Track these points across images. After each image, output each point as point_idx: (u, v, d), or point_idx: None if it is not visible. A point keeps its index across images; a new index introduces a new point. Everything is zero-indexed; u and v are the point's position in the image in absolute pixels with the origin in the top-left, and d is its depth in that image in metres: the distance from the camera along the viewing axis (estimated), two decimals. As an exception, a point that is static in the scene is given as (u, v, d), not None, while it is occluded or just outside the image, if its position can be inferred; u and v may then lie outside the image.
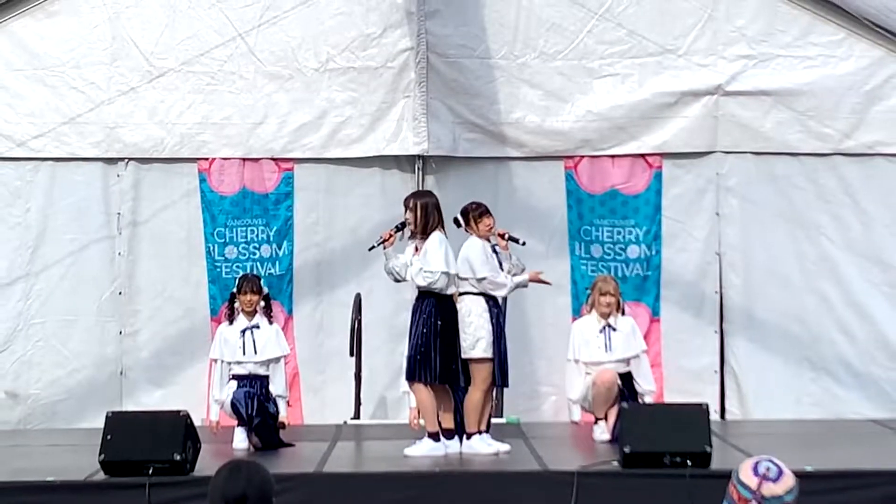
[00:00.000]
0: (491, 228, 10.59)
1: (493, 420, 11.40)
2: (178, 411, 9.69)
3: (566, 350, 12.21)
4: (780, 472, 4.70)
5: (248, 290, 10.88)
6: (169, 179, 12.90)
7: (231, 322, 10.93)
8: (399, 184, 12.80)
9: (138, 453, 9.30)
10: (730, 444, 10.55)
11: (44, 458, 10.52)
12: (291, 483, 9.01)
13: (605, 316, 11.27)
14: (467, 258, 10.35)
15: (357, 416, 12.31)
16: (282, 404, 10.91)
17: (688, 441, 9.36)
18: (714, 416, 11.28)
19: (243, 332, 10.84)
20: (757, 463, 4.72)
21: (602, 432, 10.94)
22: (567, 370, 11.46)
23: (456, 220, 10.59)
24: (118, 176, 12.83)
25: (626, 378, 11.18)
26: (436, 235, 10.29)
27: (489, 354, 10.36)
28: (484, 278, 10.30)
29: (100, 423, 9.74)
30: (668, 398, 12.46)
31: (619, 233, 12.84)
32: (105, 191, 12.81)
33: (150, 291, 12.78)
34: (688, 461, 9.22)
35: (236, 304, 10.93)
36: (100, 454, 9.41)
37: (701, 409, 9.68)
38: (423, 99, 12.72)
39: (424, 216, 10.33)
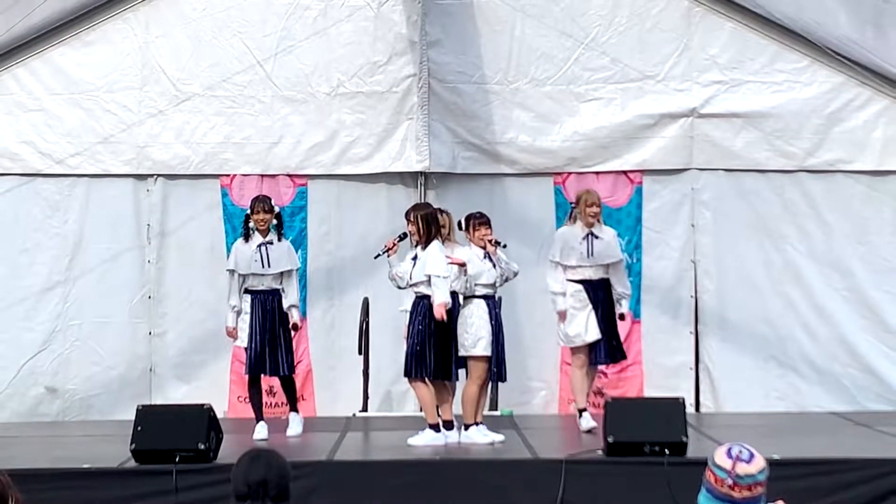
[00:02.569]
0: (484, 238, 10.60)
1: (489, 413, 11.42)
2: (202, 404, 9.69)
3: (555, 349, 12.26)
4: (752, 455, 4.71)
5: (261, 209, 10.76)
6: (194, 194, 12.90)
7: (247, 240, 10.81)
8: (403, 198, 12.80)
9: (166, 443, 9.30)
10: (704, 434, 10.54)
11: (80, 448, 10.52)
12: (306, 469, 9.01)
13: (590, 225, 11.00)
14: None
15: (365, 408, 12.30)
16: (294, 312, 10.79)
17: (666, 432, 9.36)
18: (689, 409, 11.25)
19: (258, 247, 10.72)
20: (730, 447, 4.73)
21: (588, 421, 10.86)
22: (548, 268, 11.24)
23: (459, 223, 10.77)
24: (148, 191, 12.84)
25: (605, 284, 11.06)
26: (436, 244, 10.31)
27: (488, 353, 10.38)
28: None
29: (131, 415, 9.74)
30: (648, 393, 12.46)
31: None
32: (136, 204, 12.81)
33: (176, 296, 12.78)
34: (666, 450, 9.23)
35: (251, 224, 10.80)
36: (131, 443, 9.41)
37: (677, 403, 9.69)
38: (425, 121, 12.71)
39: (427, 227, 10.35)
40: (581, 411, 11.00)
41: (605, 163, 12.85)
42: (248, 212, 10.92)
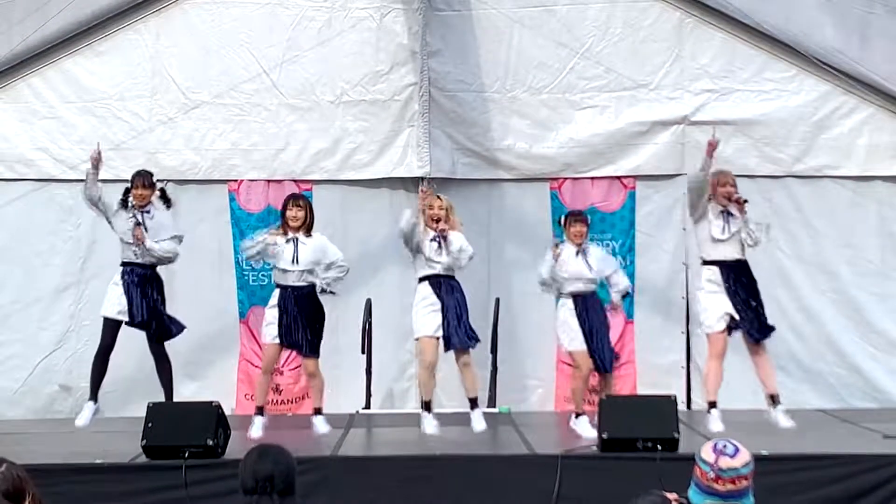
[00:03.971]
0: (578, 235, 10.64)
1: (487, 410, 11.43)
2: (211, 402, 9.69)
3: (551, 348, 12.26)
4: (737, 450, 4.73)
5: (140, 184, 10.57)
6: (202, 198, 12.92)
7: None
8: (405, 202, 12.79)
9: (176, 439, 9.31)
10: (695, 430, 10.55)
11: (93, 443, 10.51)
12: (311, 465, 9.01)
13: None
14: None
15: (368, 406, 12.32)
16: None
17: (658, 428, 9.37)
18: (681, 406, 11.28)
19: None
20: (716, 442, 4.75)
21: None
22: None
23: (559, 220, 10.97)
24: (160, 195, 12.86)
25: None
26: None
27: (583, 347, 10.58)
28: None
29: (142, 412, 9.74)
30: (641, 390, 12.48)
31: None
32: (147, 208, 12.82)
33: (185, 296, 12.74)
34: (658, 446, 9.25)
35: (129, 198, 10.60)
36: (142, 440, 9.42)
37: (669, 400, 9.70)
38: (425, 128, 12.74)
39: (311, 213, 10.60)
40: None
41: (600, 168, 12.87)
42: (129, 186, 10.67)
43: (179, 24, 12.83)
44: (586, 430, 10.40)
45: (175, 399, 10.90)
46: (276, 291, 10.57)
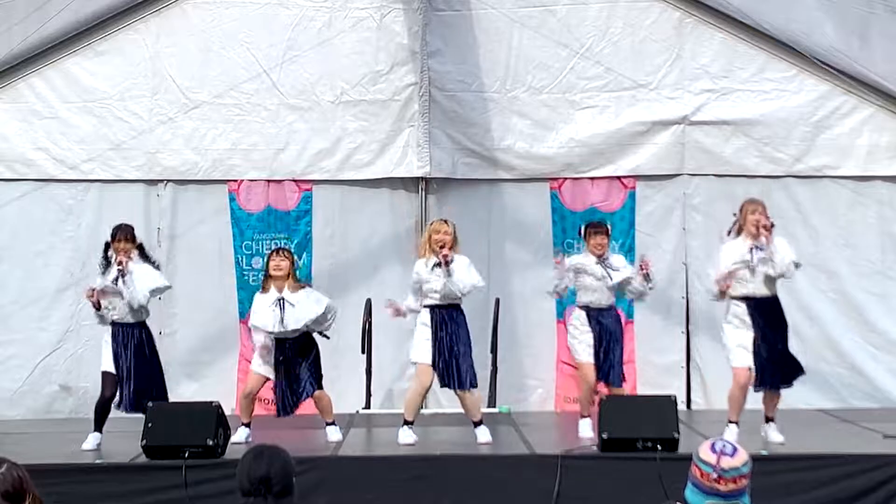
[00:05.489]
0: (600, 245, 10.55)
1: (487, 410, 11.42)
2: (211, 402, 9.70)
3: (551, 348, 12.25)
4: (735, 449, 4.72)
5: (122, 237, 10.33)
6: (202, 198, 12.92)
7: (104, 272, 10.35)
8: (405, 202, 12.84)
9: (176, 439, 9.32)
10: (695, 430, 10.55)
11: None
12: (310, 465, 9.01)
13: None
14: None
15: (367, 406, 12.32)
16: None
17: (658, 428, 9.37)
18: (681, 406, 11.27)
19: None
20: (713, 443, 4.74)
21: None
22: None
23: (579, 230, 10.91)
24: (158, 195, 12.86)
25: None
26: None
27: (591, 360, 10.47)
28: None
29: (142, 412, 9.75)
30: (641, 390, 12.46)
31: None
32: (146, 208, 12.82)
33: (186, 297, 12.78)
34: (658, 445, 9.24)
35: (110, 253, 10.38)
36: (142, 440, 9.43)
37: (669, 400, 9.70)
38: (425, 128, 12.73)
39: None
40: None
41: (600, 168, 12.87)
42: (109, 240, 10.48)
43: (179, 24, 12.83)
44: (586, 431, 10.40)
45: (174, 399, 10.88)
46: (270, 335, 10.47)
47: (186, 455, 9.20)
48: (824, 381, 12.60)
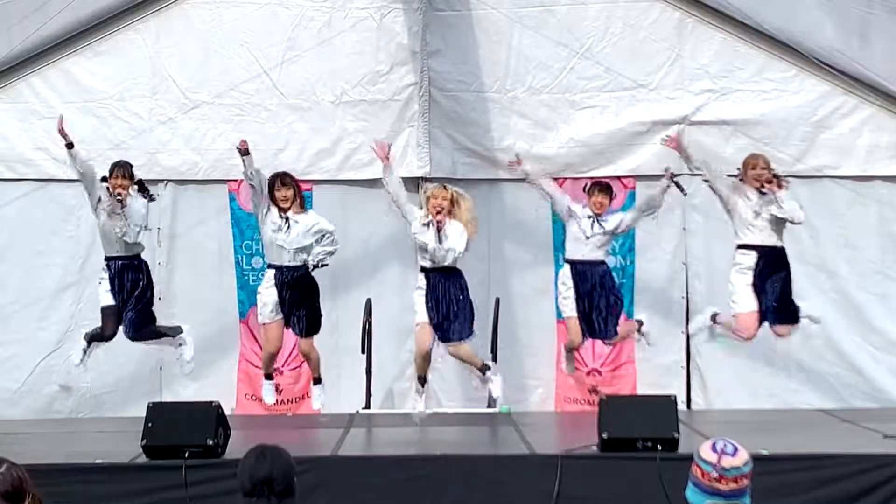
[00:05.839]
0: (595, 203, 10.81)
1: (487, 410, 11.42)
2: (211, 402, 9.68)
3: (551, 348, 12.24)
4: (736, 449, 4.72)
5: (119, 174, 10.54)
6: (202, 198, 12.92)
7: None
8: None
9: (176, 439, 9.30)
10: (695, 430, 10.54)
11: (93, 443, 10.54)
12: (310, 465, 8.99)
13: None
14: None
15: (368, 405, 12.31)
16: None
17: (658, 428, 9.36)
18: (681, 406, 11.27)
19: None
20: (714, 442, 4.74)
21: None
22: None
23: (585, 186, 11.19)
24: (158, 195, 12.83)
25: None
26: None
27: (573, 314, 10.76)
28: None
29: (142, 412, 9.73)
30: (641, 390, 12.48)
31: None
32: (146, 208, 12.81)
33: (186, 296, 12.79)
34: (658, 446, 9.23)
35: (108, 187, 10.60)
36: (142, 440, 9.41)
37: (669, 400, 9.68)
38: (425, 128, 12.74)
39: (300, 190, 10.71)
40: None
41: (600, 168, 12.86)
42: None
43: (179, 24, 12.82)
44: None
45: (174, 399, 10.89)
46: (270, 272, 10.65)
47: (186, 455, 9.18)
48: (824, 381, 12.61)
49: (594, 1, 12.83)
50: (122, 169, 10.63)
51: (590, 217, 10.84)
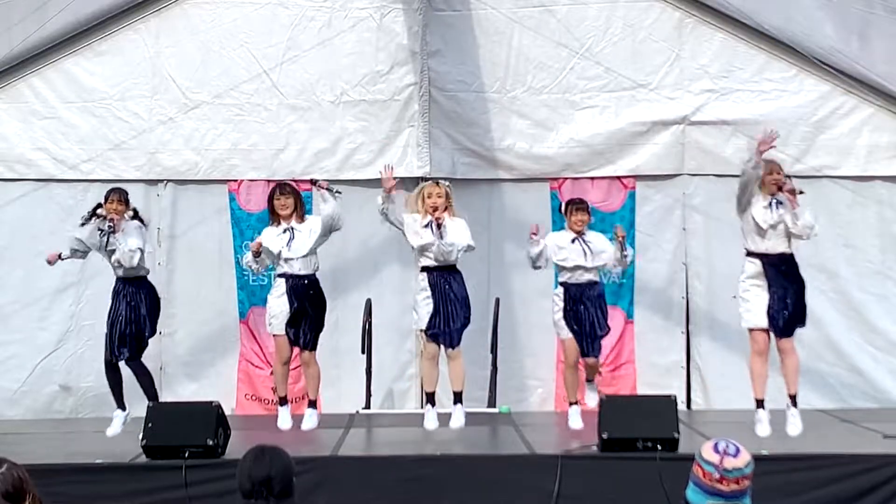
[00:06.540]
0: (579, 223, 10.53)
1: (487, 410, 11.42)
2: (211, 402, 9.70)
3: (551, 348, 12.23)
4: (738, 449, 4.72)
5: (115, 199, 10.34)
6: (202, 198, 12.92)
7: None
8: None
9: (176, 439, 9.31)
10: (695, 430, 10.55)
11: (93, 443, 10.52)
12: (310, 465, 9.02)
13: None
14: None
15: (368, 406, 12.31)
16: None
17: (658, 428, 9.37)
18: (681, 406, 11.27)
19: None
20: (716, 443, 4.74)
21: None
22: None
23: (560, 207, 10.93)
24: (158, 195, 12.85)
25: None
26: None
27: (568, 336, 10.54)
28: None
29: (142, 412, 9.75)
30: (641, 390, 12.48)
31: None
32: (146, 208, 12.72)
33: (186, 296, 12.79)
34: (658, 445, 9.24)
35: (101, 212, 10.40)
36: (142, 439, 9.43)
37: (669, 400, 9.70)
38: (425, 128, 12.74)
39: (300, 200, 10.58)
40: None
41: (600, 168, 12.87)
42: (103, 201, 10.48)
43: (179, 24, 12.82)
44: (575, 420, 10.44)
45: (174, 399, 10.88)
46: (280, 281, 10.54)
47: (186, 455, 9.19)
48: (824, 381, 12.61)
49: (594, 1, 12.83)
50: (119, 194, 10.41)
51: (573, 241, 10.57)
